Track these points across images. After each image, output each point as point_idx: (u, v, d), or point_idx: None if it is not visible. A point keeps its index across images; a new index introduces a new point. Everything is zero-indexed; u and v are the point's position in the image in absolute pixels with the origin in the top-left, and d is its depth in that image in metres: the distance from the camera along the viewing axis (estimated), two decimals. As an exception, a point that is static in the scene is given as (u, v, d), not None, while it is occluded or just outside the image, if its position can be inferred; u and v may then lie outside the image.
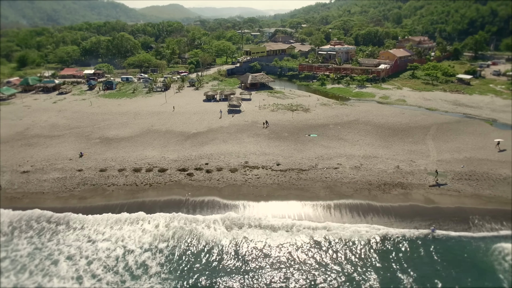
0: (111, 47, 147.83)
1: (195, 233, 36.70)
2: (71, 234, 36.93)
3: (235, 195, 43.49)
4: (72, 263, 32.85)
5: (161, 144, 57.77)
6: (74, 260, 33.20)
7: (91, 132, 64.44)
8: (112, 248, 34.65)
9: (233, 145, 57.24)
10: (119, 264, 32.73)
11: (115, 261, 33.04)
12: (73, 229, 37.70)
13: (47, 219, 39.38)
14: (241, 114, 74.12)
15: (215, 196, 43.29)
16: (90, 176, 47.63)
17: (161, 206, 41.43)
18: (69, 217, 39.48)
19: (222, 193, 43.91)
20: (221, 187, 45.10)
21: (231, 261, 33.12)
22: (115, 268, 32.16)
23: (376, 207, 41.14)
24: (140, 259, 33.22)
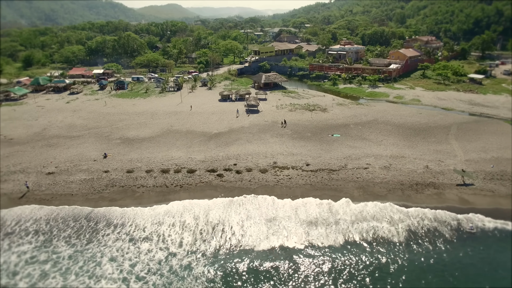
0: (118, 47, 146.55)
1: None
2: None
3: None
4: (117, 265, 32.16)
5: (185, 145, 56.96)
6: (117, 261, 32.54)
7: (110, 133, 63.48)
8: (154, 249, 33.98)
9: (258, 145, 56.55)
10: (162, 266, 32.02)
11: (158, 263, 32.35)
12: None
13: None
14: (259, 114, 73.44)
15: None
16: (118, 178, 46.75)
17: (195, 207, 40.80)
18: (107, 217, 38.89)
19: (255, 194, 43.27)
20: (253, 188, 44.44)
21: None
22: (160, 270, 31.43)
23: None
24: (183, 262, 32.50)
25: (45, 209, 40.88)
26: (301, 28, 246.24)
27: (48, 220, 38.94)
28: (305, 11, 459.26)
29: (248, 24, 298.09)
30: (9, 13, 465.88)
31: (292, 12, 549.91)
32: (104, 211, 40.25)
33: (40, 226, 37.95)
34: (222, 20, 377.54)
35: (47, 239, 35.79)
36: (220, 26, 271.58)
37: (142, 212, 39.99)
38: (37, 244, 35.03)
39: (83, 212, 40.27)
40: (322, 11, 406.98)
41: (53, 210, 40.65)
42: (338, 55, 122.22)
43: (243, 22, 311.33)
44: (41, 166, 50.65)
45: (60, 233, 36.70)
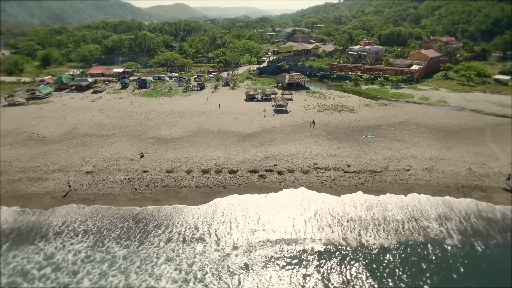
0: (134, 46, 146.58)
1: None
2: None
3: (315, 198, 42.33)
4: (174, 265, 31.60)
5: (221, 145, 56.36)
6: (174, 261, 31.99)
7: (142, 132, 63.05)
8: (208, 250, 33.37)
9: (295, 146, 55.80)
10: (219, 266, 31.40)
11: (215, 263, 31.76)
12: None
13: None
14: (288, 115, 72.68)
15: (295, 198, 42.09)
16: (159, 178, 46.21)
17: (241, 208, 40.20)
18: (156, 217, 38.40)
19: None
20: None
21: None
22: (217, 271, 30.79)
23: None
24: (238, 261, 31.85)
25: (90, 209, 40.49)
26: (313, 28, 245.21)
27: (95, 220, 38.50)
28: (314, 11, 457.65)
29: (258, 24, 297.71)
30: (20, 12, 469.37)
31: (300, 12, 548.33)
32: (151, 211, 39.73)
33: (88, 226, 37.51)
34: (232, 19, 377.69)
35: (98, 239, 35.32)
36: (231, 26, 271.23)
37: (190, 212, 39.43)
38: (89, 244, 34.56)
39: (130, 212, 39.77)
40: (331, 11, 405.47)
41: (98, 210, 40.23)
42: (358, 56, 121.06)
43: (254, 22, 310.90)
44: (79, 165, 50.30)
45: (110, 233, 36.17)
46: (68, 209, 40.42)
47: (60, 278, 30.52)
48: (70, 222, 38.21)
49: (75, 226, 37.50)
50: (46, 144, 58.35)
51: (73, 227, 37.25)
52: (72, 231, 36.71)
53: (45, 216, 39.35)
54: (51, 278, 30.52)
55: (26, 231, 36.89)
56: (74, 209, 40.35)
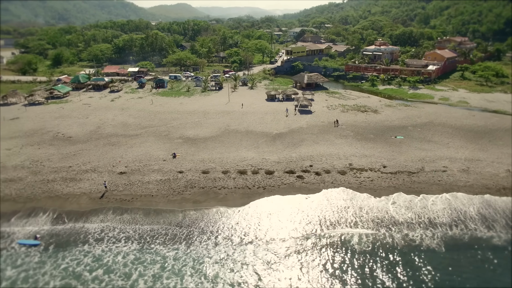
0: (146, 45, 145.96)
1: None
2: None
3: (357, 199, 41.82)
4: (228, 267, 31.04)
5: (252, 145, 55.74)
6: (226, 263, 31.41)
7: (169, 132, 62.41)
8: (260, 252, 32.83)
9: (327, 146, 55.21)
10: (272, 268, 30.82)
11: (267, 265, 31.19)
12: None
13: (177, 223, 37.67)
14: (313, 115, 72.03)
15: (337, 200, 41.57)
16: (195, 179, 45.59)
17: (285, 210, 39.64)
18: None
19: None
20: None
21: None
22: (270, 272, 30.21)
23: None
24: (290, 263, 31.27)
25: (130, 210, 39.89)
26: (321, 28, 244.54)
27: (139, 222, 37.88)
28: (319, 11, 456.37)
29: (264, 24, 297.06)
30: (24, 12, 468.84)
31: (303, 12, 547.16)
32: (193, 213, 39.13)
33: (132, 228, 36.91)
34: (236, 19, 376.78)
35: (145, 241, 34.72)
36: (238, 26, 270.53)
37: (233, 213, 38.86)
38: (137, 246, 33.93)
39: (171, 213, 39.17)
40: (336, 11, 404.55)
41: (139, 211, 39.62)
42: (373, 56, 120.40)
43: (260, 22, 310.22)
44: (111, 166, 49.69)
45: (155, 235, 35.61)
46: (108, 210, 39.84)
47: (114, 280, 29.93)
48: (113, 224, 37.62)
49: (119, 228, 36.88)
50: (73, 144, 57.77)
51: (117, 229, 36.63)
52: (116, 233, 36.09)
53: (87, 216, 38.79)
54: (105, 280, 29.94)
55: (70, 232, 36.31)
56: (115, 211, 39.77)
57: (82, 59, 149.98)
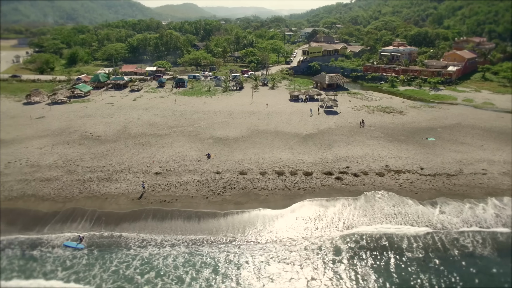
0: (160, 45, 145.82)
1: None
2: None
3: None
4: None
5: (285, 146, 55.15)
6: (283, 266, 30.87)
7: (197, 132, 61.93)
8: (316, 254, 32.25)
9: (360, 148, 54.50)
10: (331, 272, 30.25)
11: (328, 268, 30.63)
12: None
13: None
14: (339, 116, 71.31)
15: (381, 202, 40.92)
16: (233, 180, 45.06)
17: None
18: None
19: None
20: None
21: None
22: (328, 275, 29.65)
23: None
24: (346, 265, 30.67)
25: (171, 212, 39.47)
26: (332, 29, 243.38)
27: (183, 224, 37.42)
28: (326, 11, 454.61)
29: (273, 24, 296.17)
30: (33, 12, 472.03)
31: (310, 12, 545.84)
32: (236, 214, 38.60)
33: (178, 230, 36.48)
34: (244, 19, 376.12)
35: (193, 243, 34.26)
36: (247, 26, 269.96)
37: (278, 215, 38.30)
38: (185, 250, 33.44)
39: (214, 215, 38.69)
40: (344, 12, 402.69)
41: (180, 213, 39.15)
42: (391, 57, 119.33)
43: (269, 22, 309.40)
44: (145, 166, 49.29)
45: (202, 237, 35.16)
46: (149, 212, 39.37)
47: (167, 284, 29.47)
48: (158, 225, 37.20)
49: (164, 230, 36.42)
50: (103, 144, 57.49)
51: (163, 232, 36.20)
52: (163, 235, 35.64)
53: (129, 218, 38.34)
54: (158, 284, 29.46)
55: (114, 235, 35.90)
56: (157, 212, 39.31)
57: (96, 58, 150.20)
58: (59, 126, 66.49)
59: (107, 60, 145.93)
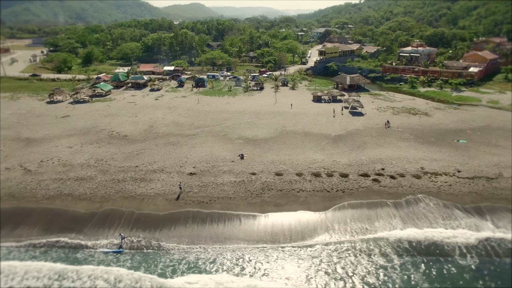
0: (175, 44, 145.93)
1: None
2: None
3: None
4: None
5: (316, 147, 54.65)
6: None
7: (226, 132, 61.58)
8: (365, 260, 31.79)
9: (392, 149, 53.81)
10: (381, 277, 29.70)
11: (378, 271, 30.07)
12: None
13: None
14: (365, 117, 70.60)
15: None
16: (270, 181, 44.61)
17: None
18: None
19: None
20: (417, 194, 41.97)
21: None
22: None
23: None
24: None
25: (210, 213, 39.13)
26: (343, 29, 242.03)
27: (232, 226, 37.14)
28: (335, 11, 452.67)
29: (284, 24, 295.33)
30: (44, 12, 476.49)
31: (318, 12, 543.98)
32: (277, 217, 38.15)
33: (231, 232, 36.25)
34: (252, 19, 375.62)
35: (239, 249, 33.93)
36: (258, 26, 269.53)
37: (320, 217, 37.78)
38: (231, 255, 33.14)
39: (255, 217, 38.28)
40: (354, 12, 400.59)
41: (220, 216, 38.81)
42: (410, 57, 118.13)
43: (279, 22, 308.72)
44: (178, 166, 49.05)
45: (249, 240, 34.83)
46: (188, 213, 38.94)
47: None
48: (199, 228, 36.90)
49: (206, 233, 36.01)
50: (132, 143, 57.39)
51: (205, 234, 35.89)
52: (206, 238, 35.34)
53: (169, 219, 38.03)
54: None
55: (154, 237, 35.69)
56: (197, 214, 38.89)
57: (111, 57, 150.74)
58: (84, 125, 66.59)
59: (122, 60, 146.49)
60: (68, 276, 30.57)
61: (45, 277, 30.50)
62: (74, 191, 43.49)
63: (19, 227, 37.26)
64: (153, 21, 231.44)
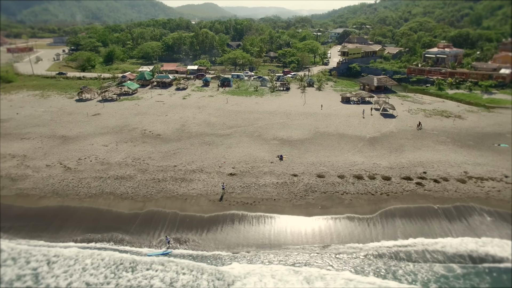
0: (196, 44, 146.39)
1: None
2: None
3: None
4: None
5: (354, 149, 53.88)
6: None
7: (259, 133, 61.10)
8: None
9: (431, 152, 52.62)
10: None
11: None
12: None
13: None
14: (397, 119, 69.41)
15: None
16: (313, 183, 44.05)
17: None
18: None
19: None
20: (464, 199, 40.86)
21: None
22: None
23: None
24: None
25: (252, 216, 38.76)
26: (361, 29, 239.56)
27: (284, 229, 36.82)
28: (350, 12, 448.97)
29: (299, 24, 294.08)
30: (61, 11, 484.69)
31: (332, 12, 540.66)
32: (325, 221, 37.60)
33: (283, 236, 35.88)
34: (267, 19, 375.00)
35: (289, 255, 33.52)
36: (274, 26, 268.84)
37: (368, 222, 37.10)
38: (285, 261, 32.76)
39: (302, 221, 37.80)
40: (369, 12, 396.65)
41: (265, 218, 38.46)
42: (436, 59, 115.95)
43: (295, 22, 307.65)
44: (217, 166, 48.87)
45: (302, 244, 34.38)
46: (234, 216, 38.58)
47: None
48: (247, 231, 36.60)
49: (256, 238, 35.62)
50: (167, 142, 57.48)
51: (268, 237, 35.57)
52: (260, 242, 35.02)
53: (217, 220, 37.86)
54: None
55: (202, 237, 35.56)
56: (244, 217, 38.55)
57: (132, 56, 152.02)
58: (116, 124, 67.05)
59: (142, 58, 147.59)
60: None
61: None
62: (115, 190, 43.64)
63: (65, 226, 37.47)
64: (171, 20, 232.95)
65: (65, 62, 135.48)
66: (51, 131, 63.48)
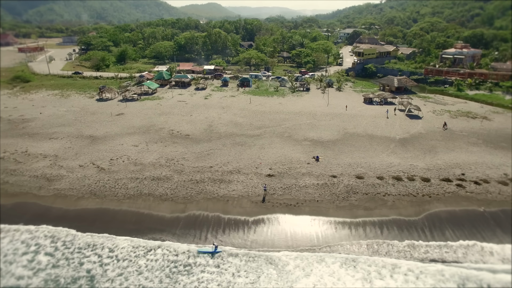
0: (208, 43, 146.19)
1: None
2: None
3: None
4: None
5: (387, 150, 53.54)
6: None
7: (289, 133, 60.70)
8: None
9: (466, 154, 52.22)
10: None
11: None
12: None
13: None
14: (423, 120, 68.94)
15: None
16: (353, 184, 43.77)
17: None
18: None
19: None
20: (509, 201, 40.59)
21: None
22: None
23: None
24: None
25: (297, 219, 38.49)
26: (370, 30, 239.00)
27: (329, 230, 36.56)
28: (356, 12, 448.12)
29: (307, 24, 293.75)
30: (66, 11, 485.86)
31: (337, 12, 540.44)
32: (371, 224, 37.30)
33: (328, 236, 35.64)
34: (273, 19, 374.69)
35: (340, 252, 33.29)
36: (281, 26, 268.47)
37: (415, 224, 36.79)
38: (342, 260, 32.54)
39: (347, 223, 37.51)
40: (375, 12, 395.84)
41: (311, 221, 38.20)
42: (454, 59, 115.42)
43: (302, 22, 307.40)
44: (253, 167, 48.54)
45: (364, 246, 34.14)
46: (278, 219, 38.37)
47: None
48: (294, 233, 36.37)
49: (303, 241, 35.56)
50: (197, 143, 57.23)
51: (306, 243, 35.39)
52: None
53: (263, 222, 37.66)
54: None
55: (254, 240, 35.39)
56: (288, 220, 38.34)
57: (143, 56, 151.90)
58: (141, 123, 66.85)
59: (154, 58, 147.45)
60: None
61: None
62: (153, 191, 43.39)
63: (108, 227, 37.18)
64: (179, 20, 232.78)
65: (79, 62, 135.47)
66: (78, 131, 63.31)
